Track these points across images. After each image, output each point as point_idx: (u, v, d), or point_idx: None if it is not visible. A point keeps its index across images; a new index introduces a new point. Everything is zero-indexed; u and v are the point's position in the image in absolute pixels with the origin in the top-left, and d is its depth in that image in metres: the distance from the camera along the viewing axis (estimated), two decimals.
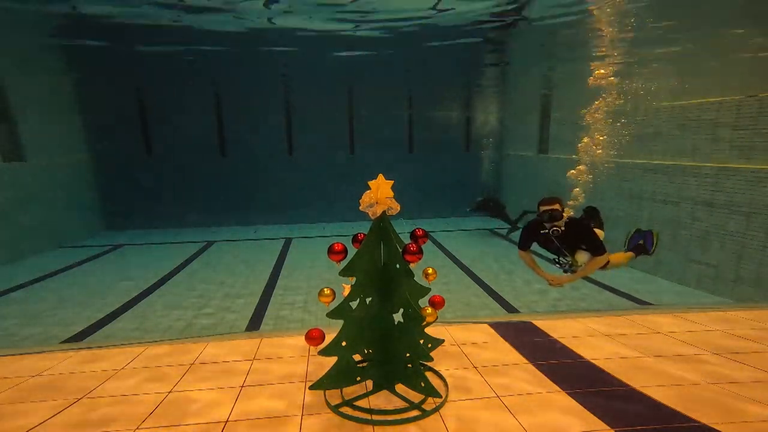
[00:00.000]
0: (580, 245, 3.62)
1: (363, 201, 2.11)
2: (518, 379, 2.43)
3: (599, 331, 3.10)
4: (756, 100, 5.85)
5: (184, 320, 5.62)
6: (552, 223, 3.43)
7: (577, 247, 3.65)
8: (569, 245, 3.63)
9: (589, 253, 3.60)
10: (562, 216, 3.40)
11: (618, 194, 7.94)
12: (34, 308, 6.12)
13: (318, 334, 2.18)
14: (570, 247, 3.65)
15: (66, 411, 2.21)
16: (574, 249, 3.67)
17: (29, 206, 9.17)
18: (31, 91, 9.55)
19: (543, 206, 3.42)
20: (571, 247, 3.65)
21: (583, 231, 3.53)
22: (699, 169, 6.44)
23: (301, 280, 7.35)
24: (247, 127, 12.52)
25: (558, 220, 3.39)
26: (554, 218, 3.39)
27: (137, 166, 12.25)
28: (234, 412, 2.15)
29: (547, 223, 3.43)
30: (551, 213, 3.37)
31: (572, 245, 3.64)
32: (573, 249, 3.67)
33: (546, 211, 3.40)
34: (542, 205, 3.44)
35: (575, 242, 3.60)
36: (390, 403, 2.19)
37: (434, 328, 3.04)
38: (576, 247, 3.64)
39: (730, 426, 1.97)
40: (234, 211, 12.80)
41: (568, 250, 3.67)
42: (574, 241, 3.59)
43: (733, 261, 5.96)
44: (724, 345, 2.83)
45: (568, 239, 3.55)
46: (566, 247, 3.64)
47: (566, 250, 3.67)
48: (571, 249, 3.67)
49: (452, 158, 13.39)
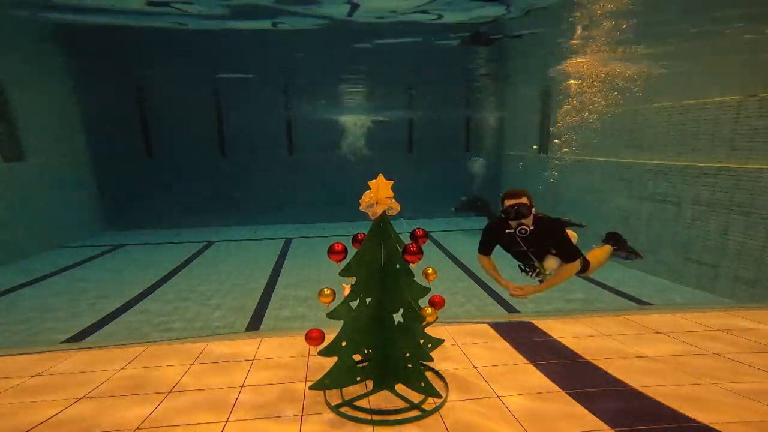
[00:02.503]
0: (550, 249, 3.08)
1: (363, 201, 2.11)
2: (518, 379, 2.43)
3: (599, 331, 3.10)
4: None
5: (184, 320, 5.62)
6: (519, 222, 2.90)
7: (546, 252, 3.11)
8: (537, 249, 3.09)
9: (559, 259, 3.08)
10: (531, 212, 2.89)
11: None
12: (34, 308, 6.12)
13: (318, 334, 2.18)
14: (538, 252, 3.11)
15: (66, 411, 2.21)
16: (542, 254, 3.12)
17: (29, 206, 9.17)
18: (31, 91, 9.55)
19: (508, 200, 2.91)
20: (539, 251, 3.11)
21: (554, 232, 3.00)
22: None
23: (301, 280, 7.35)
24: (247, 126, 12.53)
25: (526, 217, 2.88)
26: (521, 215, 2.87)
27: (137, 165, 12.26)
28: (234, 412, 2.15)
29: (513, 221, 2.91)
30: (518, 209, 2.85)
31: (541, 249, 3.10)
32: (541, 254, 3.12)
33: (512, 206, 2.87)
34: (507, 199, 2.92)
35: (545, 245, 3.07)
36: (390, 403, 2.19)
37: (434, 328, 3.04)
38: (545, 251, 3.11)
39: (730, 426, 1.97)
40: (234, 211, 12.81)
41: (536, 255, 3.13)
42: (543, 244, 3.06)
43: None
44: (724, 345, 2.83)
45: (537, 241, 3.02)
46: (534, 251, 3.10)
47: (533, 255, 3.13)
48: (540, 254, 3.12)
49: (452, 158, 13.41)
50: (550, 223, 3.02)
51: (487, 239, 3.19)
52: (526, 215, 2.88)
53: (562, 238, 3.03)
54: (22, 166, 9.14)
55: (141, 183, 12.23)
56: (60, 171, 10.35)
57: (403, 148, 13.68)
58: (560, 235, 3.02)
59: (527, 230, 2.91)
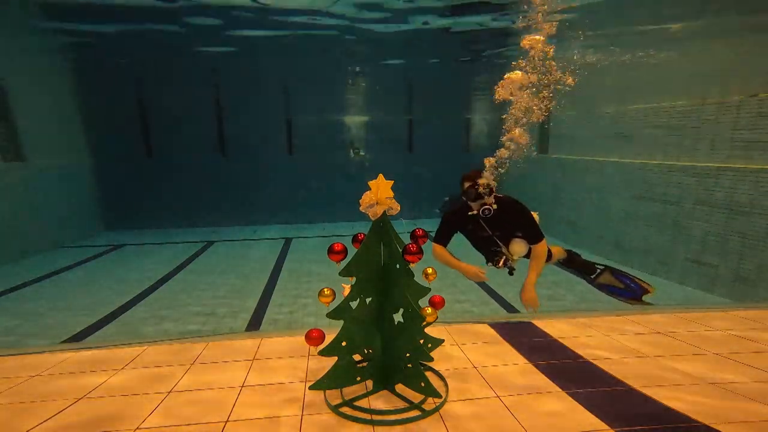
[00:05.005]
0: (516, 232, 2.97)
1: (363, 201, 2.11)
2: (518, 379, 2.43)
3: (599, 331, 3.10)
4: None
5: (184, 320, 5.62)
6: (481, 202, 2.79)
7: (511, 235, 2.99)
8: (503, 232, 2.97)
9: (525, 243, 2.96)
10: (492, 191, 2.77)
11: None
12: (34, 308, 6.12)
13: (318, 334, 2.18)
14: (503, 236, 2.99)
15: (66, 411, 2.21)
16: (508, 238, 3.00)
17: (29, 206, 9.17)
18: (32, 91, 9.55)
19: (467, 182, 2.81)
20: (504, 234, 2.99)
21: (518, 211, 2.90)
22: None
23: (301, 280, 7.35)
24: (247, 126, 12.53)
25: (487, 196, 2.78)
26: (483, 194, 2.76)
27: (137, 165, 12.26)
28: (234, 412, 2.15)
29: (474, 202, 2.80)
30: (478, 189, 2.74)
31: (506, 232, 2.98)
32: (507, 238, 3.00)
33: (471, 186, 2.76)
34: (466, 181, 2.82)
35: (509, 227, 2.96)
36: (390, 403, 2.19)
37: (434, 328, 3.04)
38: (510, 234, 2.99)
39: (730, 426, 1.97)
40: (234, 211, 12.81)
41: (502, 240, 3.01)
42: (508, 226, 2.95)
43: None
44: (724, 345, 2.83)
45: (502, 224, 2.91)
46: (499, 234, 2.98)
47: (499, 240, 3.00)
48: (505, 238, 3.00)
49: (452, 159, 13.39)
50: (513, 202, 2.95)
51: (446, 227, 3.07)
52: (488, 194, 2.79)
53: (527, 216, 2.95)
54: (21, 166, 9.14)
55: (141, 183, 12.23)
56: (60, 171, 10.34)
57: (403, 148, 13.67)
58: (524, 214, 2.95)
59: (491, 209, 2.80)
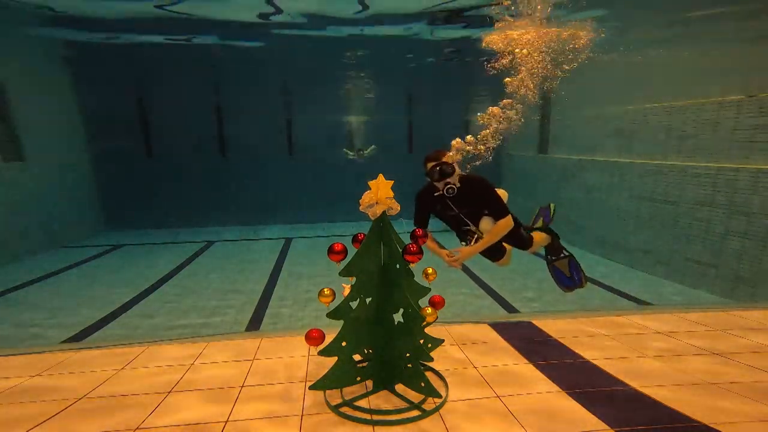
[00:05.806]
0: (483, 210, 3.06)
1: (363, 201, 2.11)
2: (518, 379, 2.43)
3: (599, 331, 3.10)
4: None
5: (184, 320, 5.62)
6: (445, 182, 2.86)
7: (480, 213, 3.08)
8: (470, 210, 3.06)
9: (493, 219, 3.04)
10: (454, 170, 2.87)
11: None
12: (34, 308, 6.12)
13: (318, 334, 2.18)
14: (471, 214, 3.08)
15: (66, 411, 2.21)
16: (477, 215, 3.09)
17: (29, 206, 9.16)
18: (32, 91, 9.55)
19: (429, 163, 2.88)
20: (472, 212, 3.08)
21: (481, 188, 2.97)
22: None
23: (301, 280, 7.35)
24: (247, 127, 12.53)
25: (450, 175, 2.85)
26: (445, 174, 2.84)
27: (137, 165, 12.25)
28: (234, 412, 2.15)
29: (438, 182, 2.88)
30: (440, 169, 2.83)
31: (474, 209, 3.06)
32: (476, 215, 3.09)
33: (434, 167, 2.85)
34: (428, 162, 2.89)
35: (476, 205, 3.04)
36: (390, 403, 2.19)
37: (434, 328, 3.05)
38: (479, 212, 3.08)
39: (730, 426, 1.97)
40: (234, 211, 12.81)
41: (470, 218, 3.10)
42: (474, 204, 3.03)
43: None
44: (724, 345, 2.84)
45: (468, 201, 3.00)
46: (467, 212, 3.07)
47: (468, 218, 3.10)
48: (474, 215, 3.09)
49: None
50: (476, 179, 2.99)
51: (418, 209, 3.14)
52: (450, 173, 2.85)
53: (490, 192, 3.00)
54: (21, 166, 9.13)
55: (141, 183, 12.22)
56: (60, 171, 10.34)
57: (403, 148, 13.66)
58: (487, 190, 2.99)
59: (454, 188, 2.86)
